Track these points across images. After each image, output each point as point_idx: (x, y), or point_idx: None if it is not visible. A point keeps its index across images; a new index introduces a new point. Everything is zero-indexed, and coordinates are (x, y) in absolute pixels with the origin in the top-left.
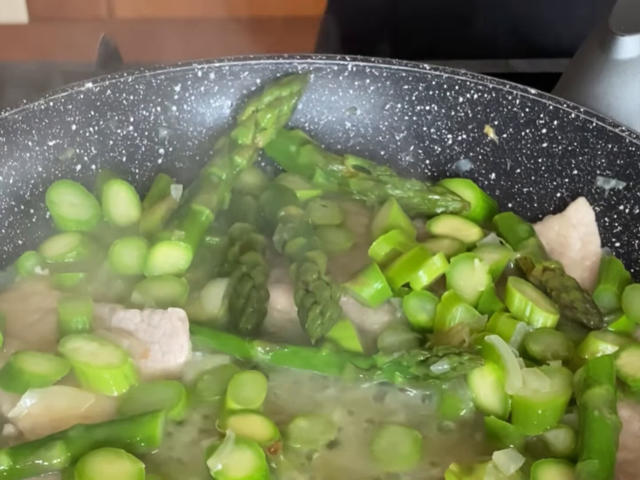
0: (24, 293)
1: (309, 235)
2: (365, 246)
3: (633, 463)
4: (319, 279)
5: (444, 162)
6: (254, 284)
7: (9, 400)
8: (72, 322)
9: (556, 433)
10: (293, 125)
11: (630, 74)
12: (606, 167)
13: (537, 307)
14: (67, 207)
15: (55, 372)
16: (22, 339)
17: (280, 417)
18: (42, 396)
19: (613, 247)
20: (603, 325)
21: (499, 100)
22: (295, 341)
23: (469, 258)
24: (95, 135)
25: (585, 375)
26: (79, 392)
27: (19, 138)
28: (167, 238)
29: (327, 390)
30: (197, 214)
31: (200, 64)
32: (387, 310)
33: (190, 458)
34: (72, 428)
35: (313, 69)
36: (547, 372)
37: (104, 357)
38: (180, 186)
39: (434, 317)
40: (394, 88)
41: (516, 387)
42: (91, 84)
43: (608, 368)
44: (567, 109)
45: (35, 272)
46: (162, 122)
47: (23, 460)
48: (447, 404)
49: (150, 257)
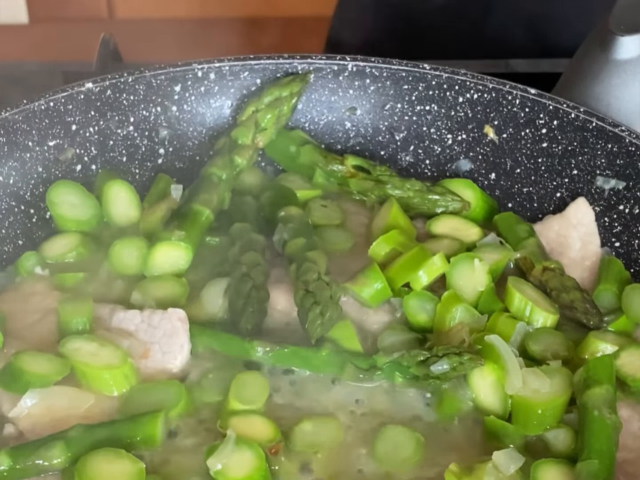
0: (24, 293)
1: (309, 235)
2: (365, 246)
3: (633, 463)
4: (319, 279)
5: (444, 162)
6: (254, 284)
7: (10, 400)
8: (72, 323)
9: (556, 433)
10: (293, 125)
11: (630, 74)
12: (606, 167)
13: (537, 307)
14: (67, 207)
15: (55, 372)
16: (22, 339)
17: (283, 419)
18: (42, 396)
19: (613, 247)
20: (603, 325)
21: (499, 100)
22: (295, 341)
23: (469, 258)
24: (95, 136)
25: (585, 375)
26: (79, 392)
27: (19, 138)
28: (167, 238)
29: (329, 391)
30: (197, 214)
31: (200, 64)
32: (387, 310)
33: (191, 458)
34: (72, 428)
35: (313, 69)
36: (547, 372)
37: (104, 357)
38: (180, 186)
39: (434, 317)
40: (394, 88)
41: (516, 387)
42: (91, 84)
43: (608, 368)
44: (567, 109)
45: (35, 272)
46: (162, 122)
47: (23, 460)
48: (447, 404)
49: (150, 257)
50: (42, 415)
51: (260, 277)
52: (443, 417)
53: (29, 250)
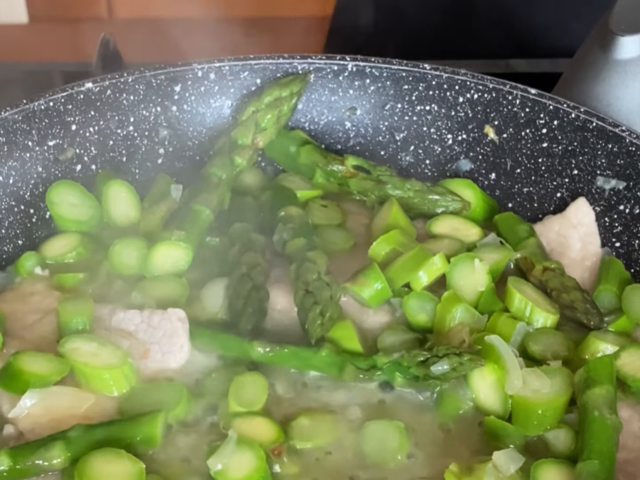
0: (24, 293)
1: (309, 235)
2: (365, 246)
3: (633, 463)
4: (319, 279)
5: (444, 162)
6: (253, 284)
7: (9, 400)
8: (72, 323)
9: (556, 433)
10: (293, 126)
11: (630, 74)
12: (606, 167)
13: (537, 307)
14: (67, 207)
15: (55, 372)
16: (22, 339)
17: (284, 418)
18: (42, 396)
19: (613, 247)
20: (603, 326)
21: (499, 100)
22: (295, 341)
23: (469, 258)
24: (95, 135)
25: (585, 376)
26: (79, 393)
27: (19, 138)
28: (167, 238)
29: (331, 392)
30: (197, 214)
31: (200, 64)
32: (387, 310)
33: (192, 458)
34: (71, 428)
35: (313, 69)
36: (548, 372)
37: (103, 357)
38: (180, 186)
39: (434, 317)
40: (394, 88)
41: (516, 387)
42: (91, 84)
43: (608, 368)
44: (567, 109)
45: (35, 273)
46: (162, 122)
47: (23, 460)
48: (447, 404)
49: (151, 257)
50: (42, 416)
51: (260, 278)
52: (443, 418)
53: (29, 250)
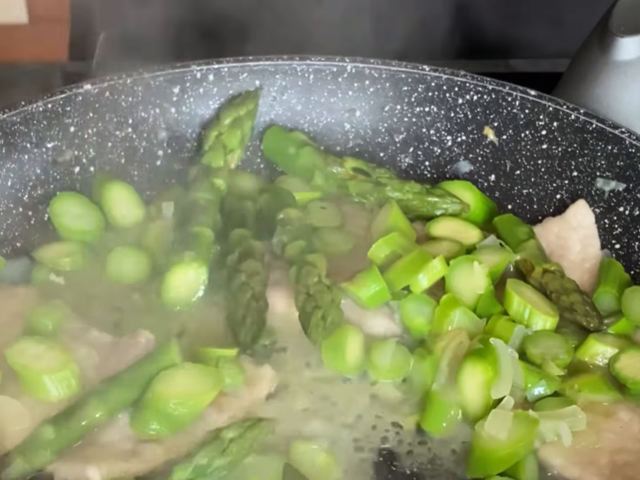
0: (3, 296)
1: (309, 237)
2: (364, 249)
3: (633, 465)
4: (319, 282)
5: (444, 164)
6: (253, 293)
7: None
8: (38, 325)
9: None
10: (292, 127)
11: (630, 76)
12: (606, 168)
13: (536, 309)
14: (71, 219)
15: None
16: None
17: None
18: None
19: (613, 249)
20: (603, 328)
21: (499, 101)
22: (293, 341)
23: (468, 261)
24: (93, 137)
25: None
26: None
27: (17, 140)
28: (179, 261)
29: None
30: (199, 235)
31: (198, 66)
32: (386, 313)
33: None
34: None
35: (312, 70)
36: (516, 418)
37: (45, 360)
38: (171, 203)
39: (432, 320)
40: (393, 89)
41: (501, 394)
42: (90, 86)
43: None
44: (567, 111)
45: (50, 279)
46: (161, 124)
47: (66, 425)
48: (434, 409)
49: (165, 283)
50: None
51: (259, 287)
52: (427, 423)
53: (27, 253)
